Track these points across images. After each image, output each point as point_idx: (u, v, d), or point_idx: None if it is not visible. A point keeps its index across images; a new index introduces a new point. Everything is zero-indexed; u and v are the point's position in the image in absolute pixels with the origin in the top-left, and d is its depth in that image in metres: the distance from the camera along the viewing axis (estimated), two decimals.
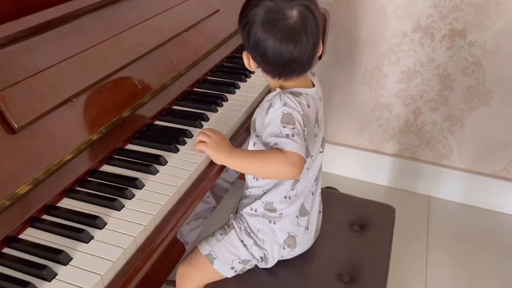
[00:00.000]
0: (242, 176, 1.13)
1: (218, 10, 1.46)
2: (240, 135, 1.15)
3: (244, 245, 1.10)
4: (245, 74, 1.37)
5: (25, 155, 0.85)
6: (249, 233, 1.10)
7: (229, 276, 1.12)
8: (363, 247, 1.22)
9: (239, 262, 1.10)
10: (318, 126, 1.07)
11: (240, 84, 1.33)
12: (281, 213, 1.07)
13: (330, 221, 1.27)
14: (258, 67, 1.03)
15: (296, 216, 1.09)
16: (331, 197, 1.30)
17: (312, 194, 1.12)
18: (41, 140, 0.89)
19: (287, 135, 0.92)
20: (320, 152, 1.12)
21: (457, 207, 2.07)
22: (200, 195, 0.94)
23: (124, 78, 1.10)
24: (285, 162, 0.91)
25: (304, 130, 0.96)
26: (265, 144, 0.98)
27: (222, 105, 1.23)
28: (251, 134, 1.05)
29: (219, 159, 1.00)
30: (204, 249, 1.12)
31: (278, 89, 0.99)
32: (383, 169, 2.16)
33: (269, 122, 0.96)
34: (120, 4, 1.14)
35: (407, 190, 2.15)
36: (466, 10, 1.71)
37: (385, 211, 1.34)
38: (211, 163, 1.03)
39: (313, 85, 1.06)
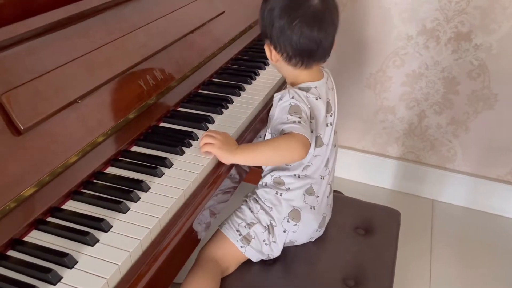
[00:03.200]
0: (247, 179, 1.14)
1: (223, 12, 1.46)
2: (246, 137, 1.14)
3: (251, 211, 1.13)
4: (250, 76, 1.37)
5: (30, 157, 0.84)
6: (257, 201, 1.14)
7: (235, 241, 1.11)
8: (368, 251, 1.21)
9: (245, 226, 1.12)
10: (331, 116, 1.12)
11: (246, 86, 1.33)
12: (288, 187, 1.10)
13: (335, 224, 1.26)
14: (278, 59, 1.07)
15: (303, 193, 1.12)
16: (335, 201, 1.29)
17: (322, 178, 1.15)
18: (46, 142, 0.88)
19: (294, 122, 0.98)
20: (334, 134, 1.15)
21: (461, 211, 2.06)
22: (206, 198, 0.94)
23: (129, 80, 1.09)
24: (295, 142, 0.96)
25: (311, 122, 1.04)
26: (274, 132, 1.04)
27: (227, 107, 1.22)
28: (266, 131, 1.12)
29: (228, 158, 1.01)
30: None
31: (288, 86, 1.08)
32: (387, 172, 2.15)
33: (279, 112, 1.03)
34: (124, 6, 1.14)
35: (410, 193, 2.14)
36: (472, 13, 1.71)
37: (390, 215, 1.34)
38: (217, 166, 1.02)
39: (323, 76, 1.11)
